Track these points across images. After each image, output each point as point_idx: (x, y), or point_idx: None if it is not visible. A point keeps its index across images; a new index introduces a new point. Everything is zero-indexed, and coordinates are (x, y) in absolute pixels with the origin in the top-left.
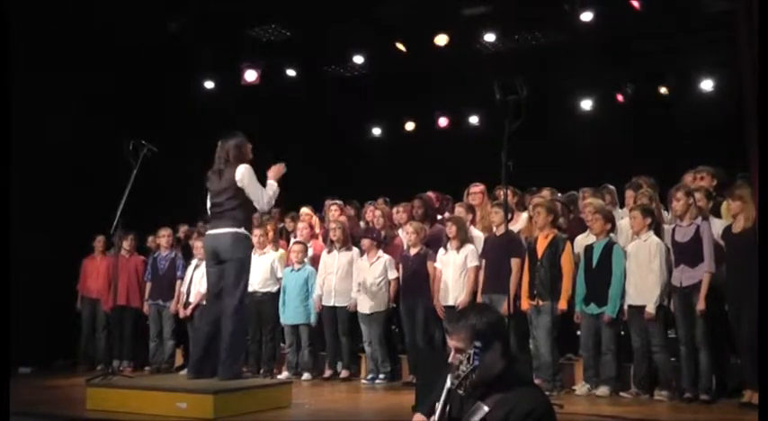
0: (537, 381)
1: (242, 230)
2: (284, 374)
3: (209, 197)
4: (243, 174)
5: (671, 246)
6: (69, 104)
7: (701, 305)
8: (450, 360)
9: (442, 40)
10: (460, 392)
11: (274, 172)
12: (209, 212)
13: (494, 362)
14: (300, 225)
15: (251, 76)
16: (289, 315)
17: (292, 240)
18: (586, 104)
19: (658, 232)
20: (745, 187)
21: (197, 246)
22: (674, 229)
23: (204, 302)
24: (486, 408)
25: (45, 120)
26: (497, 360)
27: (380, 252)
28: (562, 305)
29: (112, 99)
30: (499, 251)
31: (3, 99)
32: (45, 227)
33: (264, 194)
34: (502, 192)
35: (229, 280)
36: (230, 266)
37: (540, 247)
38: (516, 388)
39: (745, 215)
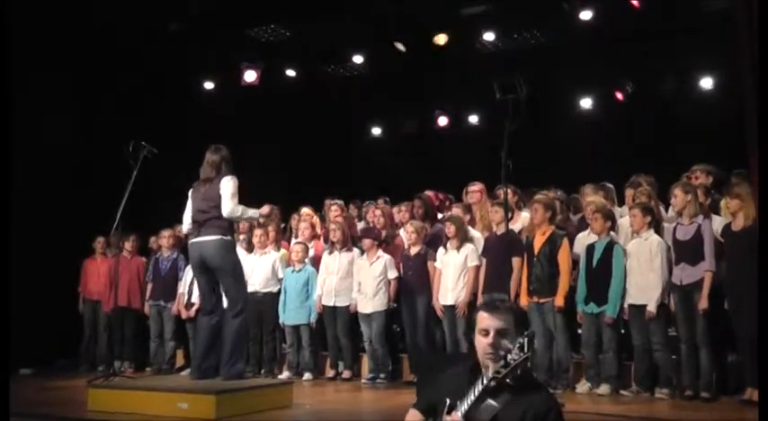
0: (542, 377)
1: (228, 237)
2: (285, 374)
3: (191, 205)
4: (226, 182)
5: (672, 244)
6: (69, 105)
7: (703, 304)
8: (489, 343)
9: (441, 39)
10: (508, 382)
11: (264, 210)
12: (185, 226)
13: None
14: (302, 225)
15: (250, 76)
16: (289, 315)
17: (293, 240)
18: (586, 103)
19: (658, 230)
20: (744, 185)
21: None
22: (675, 228)
23: None
24: (496, 405)
25: (45, 121)
26: None
27: (380, 251)
28: (559, 301)
29: (112, 99)
30: (500, 250)
31: (3, 99)
32: (46, 228)
33: (234, 205)
34: (502, 192)
35: (229, 287)
36: (224, 275)
37: (538, 244)
38: (528, 388)
39: (745, 213)
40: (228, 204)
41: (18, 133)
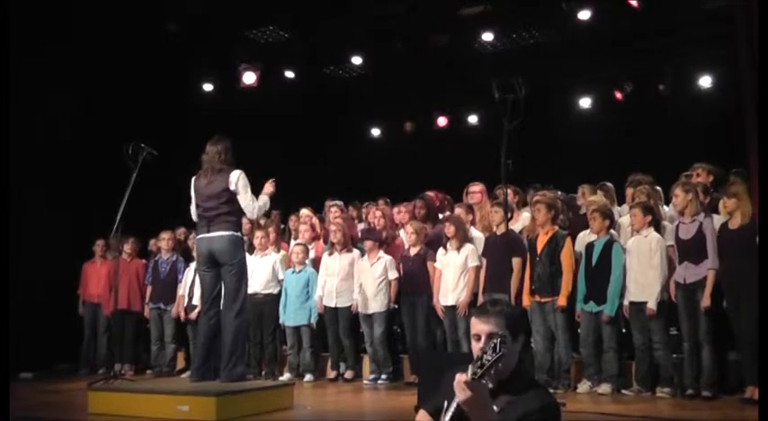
0: (543, 377)
1: (238, 233)
2: (286, 376)
3: (195, 198)
4: (238, 179)
5: (675, 243)
6: (68, 106)
7: (705, 302)
8: (481, 347)
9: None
10: (483, 382)
11: (267, 188)
12: (195, 215)
13: (515, 355)
14: (302, 227)
15: (249, 78)
16: (290, 316)
17: (293, 242)
18: (585, 102)
19: (657, 229)
20: (740, 184)
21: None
22: (677, 227)
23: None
24: (495, 408)
25: (44, 123)
26: (517, 353)
27: (381, 252)
28: (561, 301)
29: (112, 101)
30: (500, 250)
31: (2, 100)
32: (45, 231)
33: (255, 204)
34: (502, 192)
35: (231, 284)
36: (230, 271)
37: (540, 244)
38: (527, 389)
39: (741, 211)
40: (252, 208)
41: (17, 135)
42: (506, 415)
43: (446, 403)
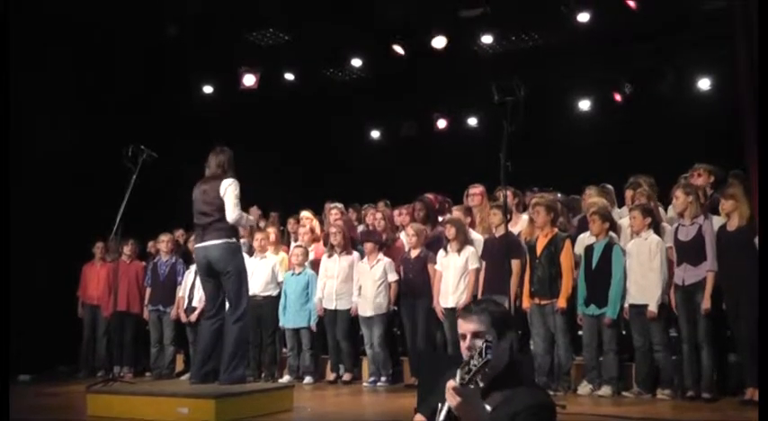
0: (543, 379)
1: (233, 240)
2: (285, 378)
3: (194, 207)
4: (227, 185)
5: (674, 245)
6: (68, 108)
7: (706, 304)
8: (466, 346)
9: (439, 42)
10: (471, 387)
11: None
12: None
13: (504, 353)
14: (302, 229)
15: (249, 80)
16: (289, 318)
17: (293, 244)
18: (584, 104)
19: (657, 231)
20: (737, 185)
21: None
22: (676, 228)
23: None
24: (488, 407)
25: (44, 125)
26: (506, 351)
27: (380, 254)
28: (561, 303)
29: (112, 103)
30: (499, 252)
31: (1, 102)
32: (45, 233)
33: (236, 211)
34: (501, 194)
35: (231, 292)
36: (229, 278)
37: (540, 246)
38: (519, 387)
39: (739, 213)
40: (233, 212)
41: (17, 137)
42: (499, 412)
43: (440, 405)
